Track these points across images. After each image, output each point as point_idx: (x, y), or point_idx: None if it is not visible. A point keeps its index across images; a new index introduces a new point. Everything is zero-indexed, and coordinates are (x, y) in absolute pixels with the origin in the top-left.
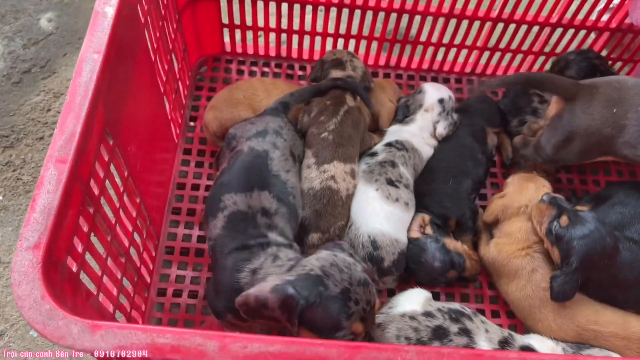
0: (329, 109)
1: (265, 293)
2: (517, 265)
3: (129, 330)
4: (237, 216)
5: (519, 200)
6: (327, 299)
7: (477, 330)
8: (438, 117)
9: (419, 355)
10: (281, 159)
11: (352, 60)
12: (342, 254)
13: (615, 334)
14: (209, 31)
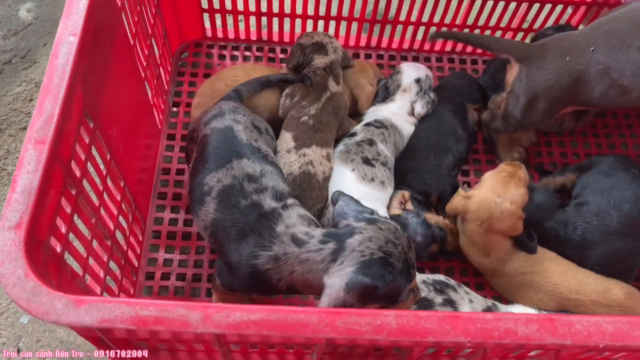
0: (311, 95)
1: (341, 297)
2: (487, 264)
3: (112, 304)
4: (226, 192)
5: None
6: (397, 274)
7: (461, 301)
8: (416, 97)
9: (397, 319)
10: (247, 130)
11: (331, 41)
12: (384, 224)
13: (597, 301)
14: (189, 16)
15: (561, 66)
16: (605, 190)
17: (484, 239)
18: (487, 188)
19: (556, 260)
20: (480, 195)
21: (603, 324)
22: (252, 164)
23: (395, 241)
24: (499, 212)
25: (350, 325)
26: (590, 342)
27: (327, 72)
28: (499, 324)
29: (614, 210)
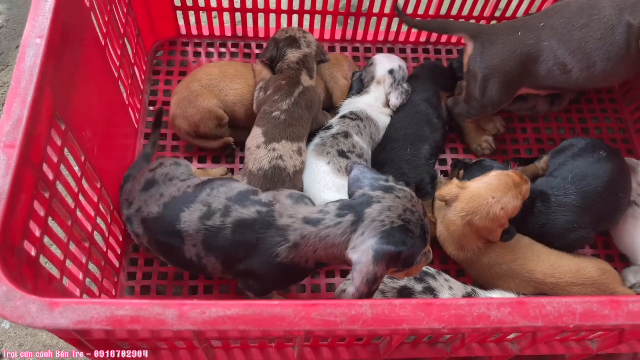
0: (283, 89)
1: (372, 270)
2: (462, 257)
3: (87, 305)
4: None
5: (465, 206)
6: (416, 240)
7: (441, 288)
8: (390, 88)
9: (372, 308)
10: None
11: (304, 36)
12: (400, 192)
13: (571, 282)
14: (162, 15)
15: (513, 40)
16: (570, 168)
17: (461, 230)
18: (486, 185)
19: (531, 246)
20: (476, 189)
21: (573, 305)
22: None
23: (412, 208)
24: (486, 212)
25: (325, 316)
26: (561, 322)
27: (300, 66)
28: (472, 309)
29: (573, 186)
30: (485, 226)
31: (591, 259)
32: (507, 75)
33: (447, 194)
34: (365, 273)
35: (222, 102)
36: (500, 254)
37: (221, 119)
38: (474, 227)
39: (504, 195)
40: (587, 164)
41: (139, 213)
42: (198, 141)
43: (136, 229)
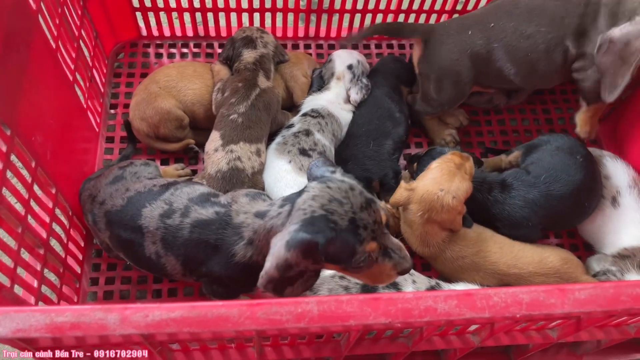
0: (240, 92)
1: (283, 255)
2: (427, 252)
3: (26, 313)
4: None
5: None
6: (340, 233)
7: (405, 282)
8: (349, 84)
9: (319, 305)
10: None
11: (262, 36)
12: (335, 183)
13: (534, 272)
14: (121, 16)
15: (463, 39)
16: (547, 167)
17: (424, 228)
18: (431, 180)
19: (493, 238)
20: (423, 188)
21: (520, 295)
22: (154, 207)
23: (343, 200)
24: (440, 206)
25: (271, 315)
26: (508, 312)
27: (257, 67)
28: (419, 303)
29: (544, 186)
30: (444, 219)
31: (554, 248)
32: (458, 75)
33: (399, 199)
34: (276, 257)
35: (181, 102)
36: (463, 247)
37: (181, 120)
38: (434, 222)
39: (451, 183)
40: (562, 166)
41: (103, 206)
42: (159, 144)
43: (98, 222)
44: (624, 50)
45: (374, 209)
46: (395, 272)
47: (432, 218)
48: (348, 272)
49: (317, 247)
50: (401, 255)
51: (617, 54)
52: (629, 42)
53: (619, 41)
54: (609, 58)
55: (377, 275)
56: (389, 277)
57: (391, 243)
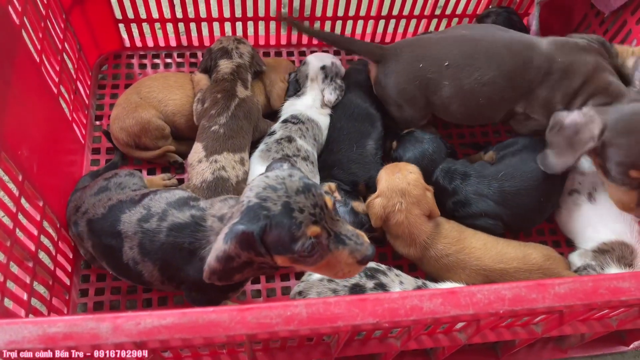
0: (219, 103)
1: (221, 248)
2: (413, 253)
3: (18, 325)
4: (142, 243)
5: (392, 196)
6: (273, 218)
7: (392, 284)
8: (323, 85)
9: (307, 308)
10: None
11: (237, 47)
12: (274, 172)
13: (519, 268)
14: (104, 28)
15: (413, 70)
16: (507, 164)
17: (408, 220)
18: (384, 176)
19: (475, 236)
20: (385, 184)
21: (502, 291)
22: (133, 213)
23: (277, 186)
24: (407, 184)
25: (261, 319)
26: (491, 309)
27: (234, 77)
28: (405, 302)
29: (497, 183)
30: (417, 195)
31: (536, 245)
32: (412, 100)
33: (377, 210)
34: (216, 250)
35: (162, 113)
36: (446, 245)
37: (162, 130)
38: (413, 207)
39: (400, 168)
40: (521, 163)
41: (85, 215)
42: (138, 153)
43: (82, 232)
44: (572, 138)
45: (313, 193)
46: (354, 260)
47: (408, 204)
48: (302, 263)
49: (253, 237)
50: (358, 242)
51: (566, 139)
52: (578, 131)
53: (568, 128)
54: (559, 139)
55: (336, 266)
56: (348, 266)
57: (345, 229)
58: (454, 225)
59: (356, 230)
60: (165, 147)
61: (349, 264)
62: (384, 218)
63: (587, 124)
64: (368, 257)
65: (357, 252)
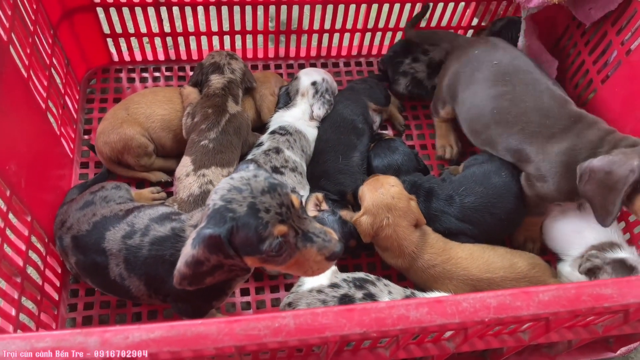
0: (210, 118)
1: (190, 252)
2: (401, 264)
3: (7, 341)
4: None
5: (379, 213)
6: (239, 220)
7: (381, 293)
8: (312, 100)
9: (295, 318)
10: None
11: (229, 63)
12: (239, 173)
13: (505, 277)
14: (92, 43)
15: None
16: (469, 178)
17: (397, 233)
18: (367, 193)
19: (461, 246)
20: (369, 201)
21: (487, 299)
22: (117, 230)
23: (242, 187)
24: (391, 198)
25: (249, 331)
26: (477, 317)
27: (225, 92)
28: (392, 312)
29: (459, 198)
30: (402, 208)
31: (523, 254)
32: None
33: (365, 228)
34: (184, 255)
35: (149, 128)
36: (432, 255)
37: (145, 147)
38: (400, 219)
39: (381, 183)
40: (482, 180)
41: (70, 231)
42: (120, 169)
43: (66, 247)
44: (607, 179)
45: (279, 192)
46: (322, 257)
47: (395, 217)
48: (272, 263)
49: (221, 240)
50: (326, 239)
51: (600, 183)
52: (612, 171)
53: (599, 171)
54: (592, 187)
55: (305, 264)
56: (317, 264)
57: (313, 227)
58: (440, 236)
59: (324, 228)
60: (144, 175)
61: (317, 262)
62: (373, 234)
63: (621, 160)
64: (336, 253)
65: (325, 249)
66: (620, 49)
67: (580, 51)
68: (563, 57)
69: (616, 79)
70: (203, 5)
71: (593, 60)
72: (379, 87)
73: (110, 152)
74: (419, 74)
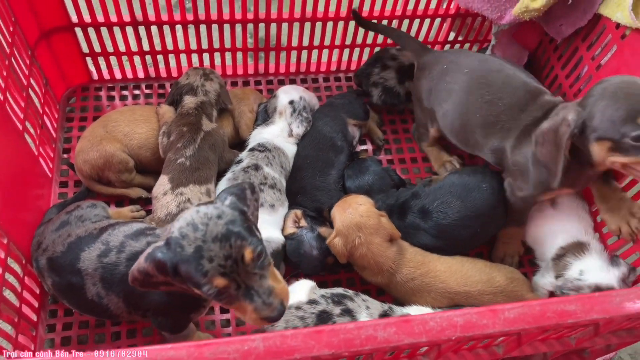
0: (186, 136)
1: (142, 263)
2: (380, 280)
3: None
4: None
5: (350, 233)
6: (182, 259)
7: (359, 309)
8: (291, 119)
9: (264, 341)
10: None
11: (203, 84)
12: (208, 208)
13: (483, 291)
14: (71, 62)
15: (437, 77)
16: (446, 192)
17: (371, 251)
18: (337, 215)
19: (440, 259)
20: (340, 223)
21: (454, 318)
22: (92, 250)
23: (199, 226)
24: (360, 217)
25: (219, 354)
26: (444, 336)
27: (199, 112)
28: (360, 332)
29: (434, 212)
30: (373, 225)
31: (501, 267)
32: (423, 103)
33: (339, 249)
34: (138, 263)
35: (127, 146)
36: (411, 269)
37: (126, 163)
38: (373, 237)
39: (350, 203)
40: (460, 193)
41: (45, 252)
42: (99, 187)
43: (42, 269)
44: (555, 137)
45: (231, 243)
46: (257, 316)
47: (367, 235)
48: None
49: (166, 268)
50: (266, 302)
51: (549, 144)
52: (557, 129)
53: (548, 131)
54: (547, 148)
55: (244, 315)
56: (253, 320)
57: (259, 285)
58: (418, 249)
59: (274, 289)
60: (124, 191)
61: (252, 319)
62: (347, 255)
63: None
64: (271, 318)
65: (261, 311)
66: (590, 64)
67: (554, 66)
68: (538, 71)
69: None
70: (181, 24)
71: (565, 74)
72: (358, 101)
73: (90, 170)
74: (389, 81)
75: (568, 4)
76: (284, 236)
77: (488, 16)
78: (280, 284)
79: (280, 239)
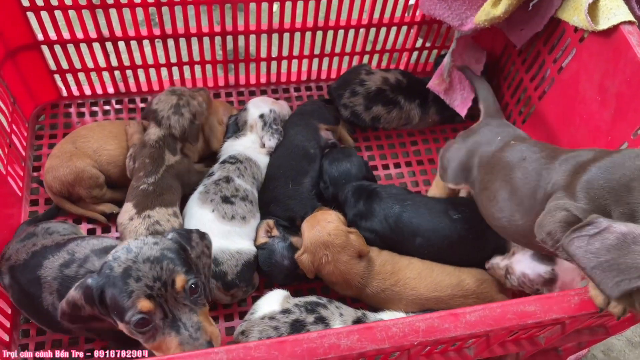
0: (147, 167)
1: (72, 294)
2: (351, 294)
3: None
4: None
5: (317, 251)
6: (109, 281)
7: (332, 316)
8: (262, 132)
9: (227, 354)
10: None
11: (169, 118)
12: (147, 237)
13: (453, 295)
14: (39, 80)
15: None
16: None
17: (339, 268)
18: (305, 231)
19: (409, 267)
20: (307, 240)
21: (416, 323)
22: (56, 258)
23: (133, 249)
24: (327, 235)
25: None
26: (406, 341)
27: (161, 145)
28: (323, 341)
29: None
30: (341, 243)
31: (470, 270)
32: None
33: (307, 265)
34: (67, 294)
35: (97, 162)
36: (380, 281)
37: (96, 178)
38: (340, 255)
39: (318, 220)
40: (432, 205)
41: (8, 262)
42: (69, 205)
43: (4, 279)
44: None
45: (163, 266)
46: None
47: (334, 253)
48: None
49: (92, 294)
50: (194, 336)
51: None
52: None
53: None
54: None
55: (166, 353)
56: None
57: (187, 318)
58: (387, 258)
59: (203, 325)
60: (93, 213)
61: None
62: (315, 271)
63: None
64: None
65: (186, 346)
66: (552, 67)
67: (519, 69)
68: (504, 75)
69: (551, 96)
70: (149, 39)
71: (530, 77)
72: (328, 107)
73: (60, 186)
74: (357, 107)
75: (528, 10)
76: (255, 246)
77: (449, 23)
78: (212, 326)
79: (252, 250)
